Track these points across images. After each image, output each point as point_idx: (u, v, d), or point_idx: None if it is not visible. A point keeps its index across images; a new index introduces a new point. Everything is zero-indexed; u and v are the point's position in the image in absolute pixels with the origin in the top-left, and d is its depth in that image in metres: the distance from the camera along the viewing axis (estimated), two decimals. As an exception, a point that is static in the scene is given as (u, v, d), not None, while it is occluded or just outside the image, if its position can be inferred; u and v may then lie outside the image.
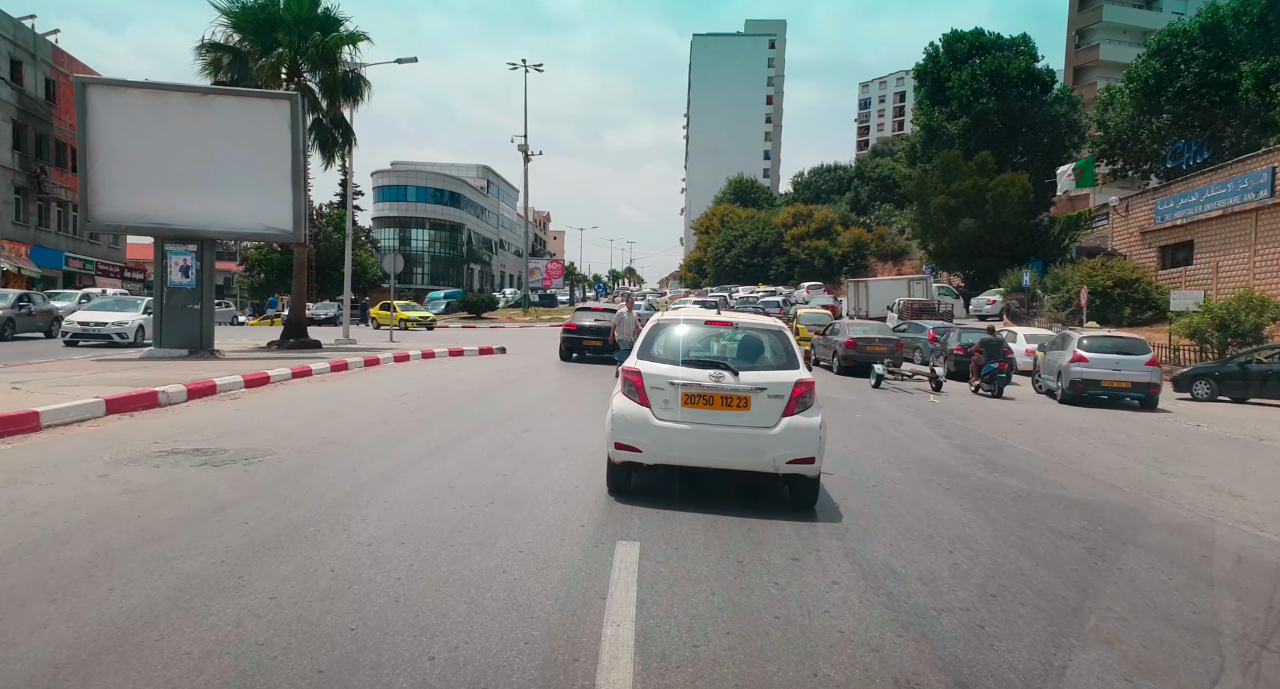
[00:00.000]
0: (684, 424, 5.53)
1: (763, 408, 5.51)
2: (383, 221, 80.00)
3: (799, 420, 5.51)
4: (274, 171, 14.87)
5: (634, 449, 5.62)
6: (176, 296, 14.74)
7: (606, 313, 19.45)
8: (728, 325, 6.36)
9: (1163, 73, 36.74)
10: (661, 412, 5.58)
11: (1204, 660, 3.64)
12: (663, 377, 5.63)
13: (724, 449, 5.56)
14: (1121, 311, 28.19)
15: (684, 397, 5.54)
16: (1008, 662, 3.41)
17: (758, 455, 5.51)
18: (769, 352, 6.05)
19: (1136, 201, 32.79)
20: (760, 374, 5.68)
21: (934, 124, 42.87)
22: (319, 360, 14.81)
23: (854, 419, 11.85)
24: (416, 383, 13.36)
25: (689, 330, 6.15)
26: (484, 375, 15.33)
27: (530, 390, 13.45)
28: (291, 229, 15.12)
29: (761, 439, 5.47)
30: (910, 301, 30.55)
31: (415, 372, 15.16)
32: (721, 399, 5.53)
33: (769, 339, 6.14)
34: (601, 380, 15.62)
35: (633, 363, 5.87)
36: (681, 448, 5.58)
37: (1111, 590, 4.55)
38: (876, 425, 11.41)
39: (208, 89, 14.16)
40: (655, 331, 6.15)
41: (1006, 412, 14.39)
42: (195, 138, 14.33)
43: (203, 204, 14.57)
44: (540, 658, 3.19)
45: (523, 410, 10.84)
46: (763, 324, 6.47)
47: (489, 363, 18.13)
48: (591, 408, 10.78)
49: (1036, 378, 18.73)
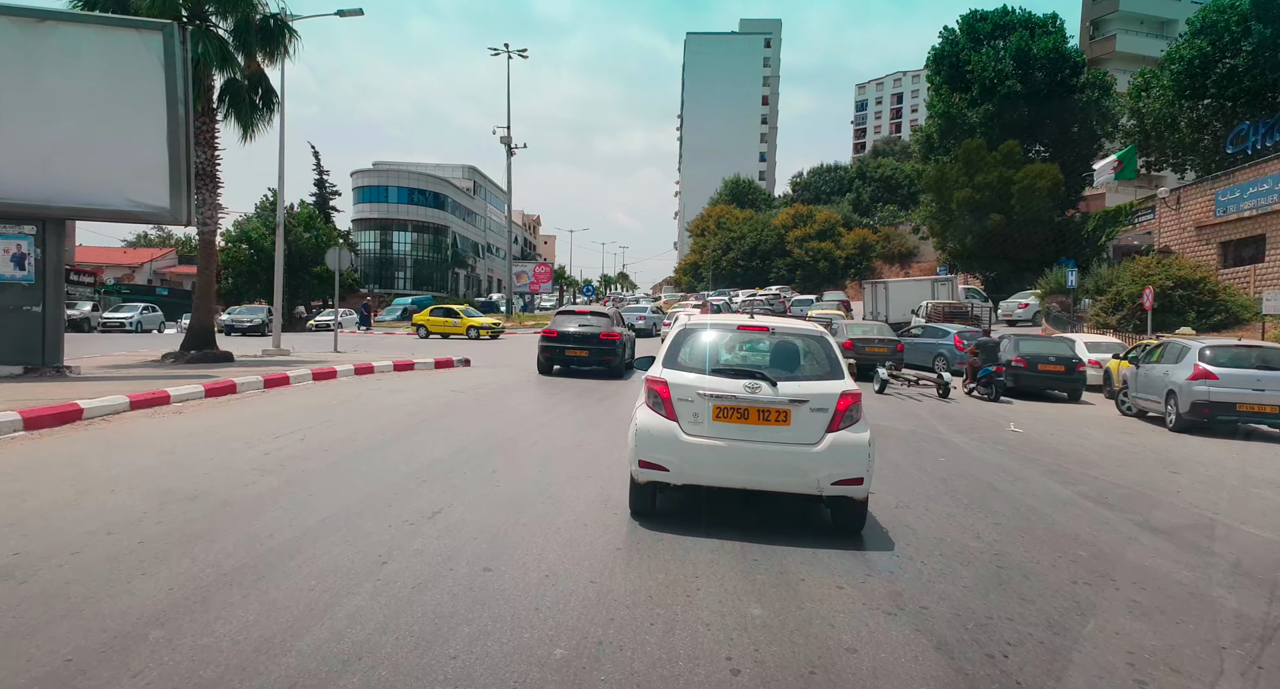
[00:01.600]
0: (716, 440, 5.05)
1: (804, 422, 5.03)
2: (363, 224, 76.38)
3: (845, 436, 5.01)
4: (144, 130, 11.12)
5: (660, 467, 5.11)
6: (6, 295, 10.92)
7: (594, 316, 16.18)
8: (763, 330, 5.66)
9: (1209, 52, 33.32)
10: (690, 426, 5.11)
11: None
12: (691, 387, 5.16)
13: (761, 468, 5.07)
14: (1184, 315, 24.60)
15: (715, 409, 5.07)
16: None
17: (799, 475, 5.02)
18: (809, 360, 5.57)
19: (1190, 192, 29.26)
20: (801, 385, 5.19)
21: (953, 111, 39.31)
22: (199, 382, 11.00)
23: (931, 460, 8.09)
24: (316, 415, 9.57)
25: (720, 336, 5.67)
26: (424, 400, 11.56)
27: (478, 423, 9.67)
28: (168, 206, 11.32)
29: (803, 457, 5.00)
30: (940, 304, 26.90)
31: (329, 396, 11.38)
32: (758, 413, 5.05)
33: (809, 346, 5.66)
34: (586, 402, 11.85)
35: (657, 371, 5.41)
36: (713, 467, 5.08)
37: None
38: (980, 478, 7.64)
39: (46, 12, 10.50)
40: (682, 337, 5.62)
41: (1115, 444, 10.67)
42: (27, 80, 10.58)
43: (43, 171, 10.79)
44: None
45: (448, 466, 7.06)
46: (802, 329, 5.87)
47: (440, 380, 14.35)
48: (572, 455, 7.03)
49: (1123, 396, 15.04)
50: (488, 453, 7.74)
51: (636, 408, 5.43)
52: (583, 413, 11.18)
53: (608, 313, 16.93)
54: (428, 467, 6.88)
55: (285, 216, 54.29)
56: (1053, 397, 17.18)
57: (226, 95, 15.29)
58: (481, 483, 6.41)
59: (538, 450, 8.03)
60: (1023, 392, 16.81)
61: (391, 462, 7.01)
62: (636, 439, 5.18)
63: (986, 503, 6.74)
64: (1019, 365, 16.61)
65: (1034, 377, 16.68)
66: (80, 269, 46.10)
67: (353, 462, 6.96)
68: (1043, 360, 16.66)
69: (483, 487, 6.29)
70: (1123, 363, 17.14)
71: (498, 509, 5.59)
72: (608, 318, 16.40)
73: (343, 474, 6.46)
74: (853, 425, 5.07)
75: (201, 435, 7.88)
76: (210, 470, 6.40)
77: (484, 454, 7.64)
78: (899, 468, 8.14)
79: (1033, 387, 16.87)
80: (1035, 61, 37.73)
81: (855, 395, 5.14)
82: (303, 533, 4.79)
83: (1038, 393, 17.01)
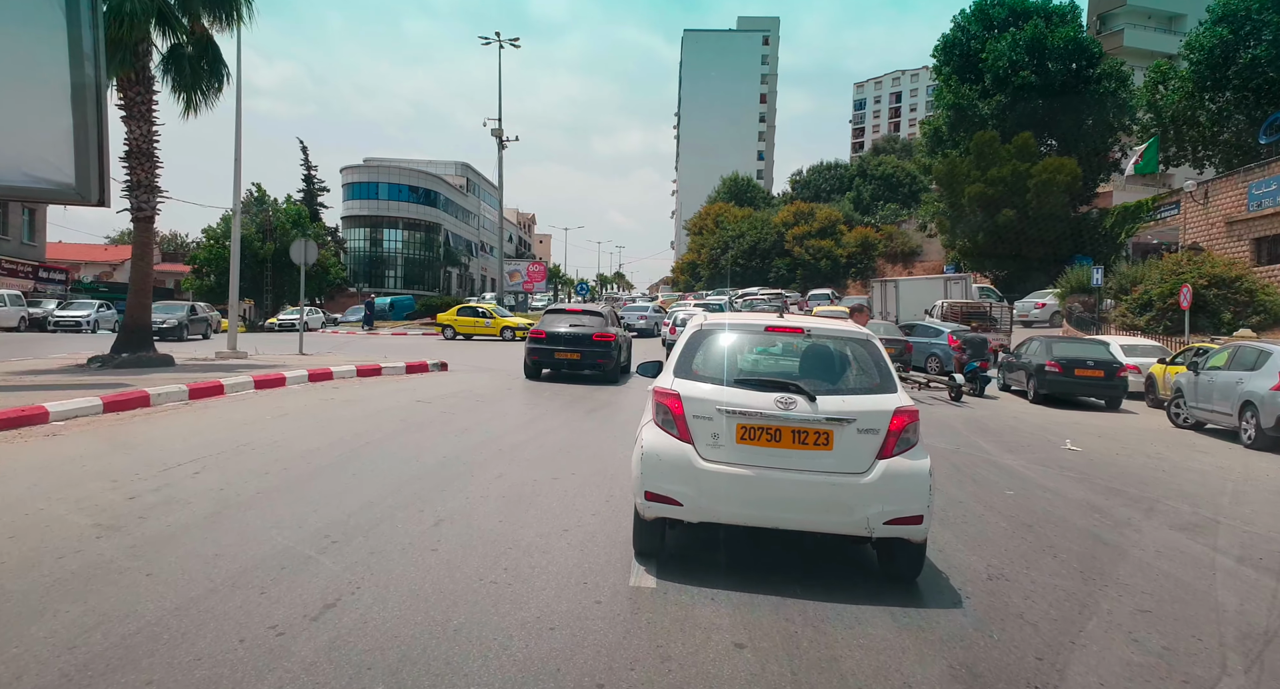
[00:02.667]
0: (741, 468, 4.11)
1: (850, 446, 4.10)
2: (352, 221, 74.59)
3: (901, 464, 4.09)
4: (41, 92, 9.32)
5: (672, 501, 4.16)
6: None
7: (587, 316, 14.83)
8: (797, 332, 4.64)
9: (1230, 41, 31.70)
10: (709, 450, 4.17)
11: None
12: (710, 401, 4.20)
13: (796, 504, 4.12)
14: (1220, 316, 22.93)
15: (740, 430, 4.14)
16: None
17: (845, 513, 4.07)
18: (854, 369, 4.55)
19: (1220, 186, 27.60)
20: (845, 400, 4.23)
21: (963, 103, 37.61)
22: (100, 394, 9.19)
23: (995, 493, 6.33)
24: (236, 436, 7.76)
25: (743, 339, 4.74)
26: (380, 413, 9.78)
27: (437, 445, 7.88)
28: (73, 182, 9.49)
29: (850, 490, 4.06)
30: (957, 304, 25.17)
31: (265, 409, 9.58)
32: (793, 434, 4.11)
33: (854, 351, 4.62)
34: (573, 414, 10.08)
35: (667, 382, 4.42)
36: (738, 501, 4.14)
37: None
38: (1072, 522, 5.88)
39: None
40: (697, 340, 4.59)
41: (1198, 467, 8.93)
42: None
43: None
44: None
45: (376, 515, 5.25)
46: (844, 331, 4.75)
47: (408, 388, 12.57)
48: (548, 492, 5.28)
49: (1176, 405, 13.32)
50: (436, 491, 5.95)
51: (642, 427, 4.48)
52: (568, 430, 9.41)
53: (601, 312, 15.62)
54: (347, 518, 5.08)
55: (269, 215, 52.60)
56: (1085, 403, 15.70)
57: (170, 63, 13.48)
58: (415, 544, 4.62)
59: (504, 485, 6.25)
60: (1055, 398, 15.38)
61: (299, 510, 5.22)
62: (643, 466, 4.23)
63: (1105, 568, 4.98)
64: (1053, 370, 15.15)
65: (1070, 382, 15.15)
66: (51, 265, 44.31)
67: (244, 511, 5.16)
68: (1080, 365, 15.21)
69: (414, 551, 4.50)
70: (1170, 368, 15.46)
71: (427, 594, 3.81)
72: (601, 317, 15.08)
73: (218, 532, 4.67)
74: (909, 450, 4.16)
75: (62, 468, 6.08)
76: (35, 525, 4.61)
77: (431, 493, 5.86)
78: (963, 506, 6.41)
79: (1068, 393, 15.40)
80: (1051, 52, 36.06)
81: (912, 413, 4.21)
82: (90, 659, 2.99)
83: (1068, 400, 15.58)
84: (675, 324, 22.80)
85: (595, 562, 4.48)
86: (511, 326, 28.97)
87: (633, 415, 10.85)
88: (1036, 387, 15.48)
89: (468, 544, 4.67)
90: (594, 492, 6.17)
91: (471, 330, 29.56)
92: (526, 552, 4.58)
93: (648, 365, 5.65)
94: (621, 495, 6.06)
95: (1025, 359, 16.54)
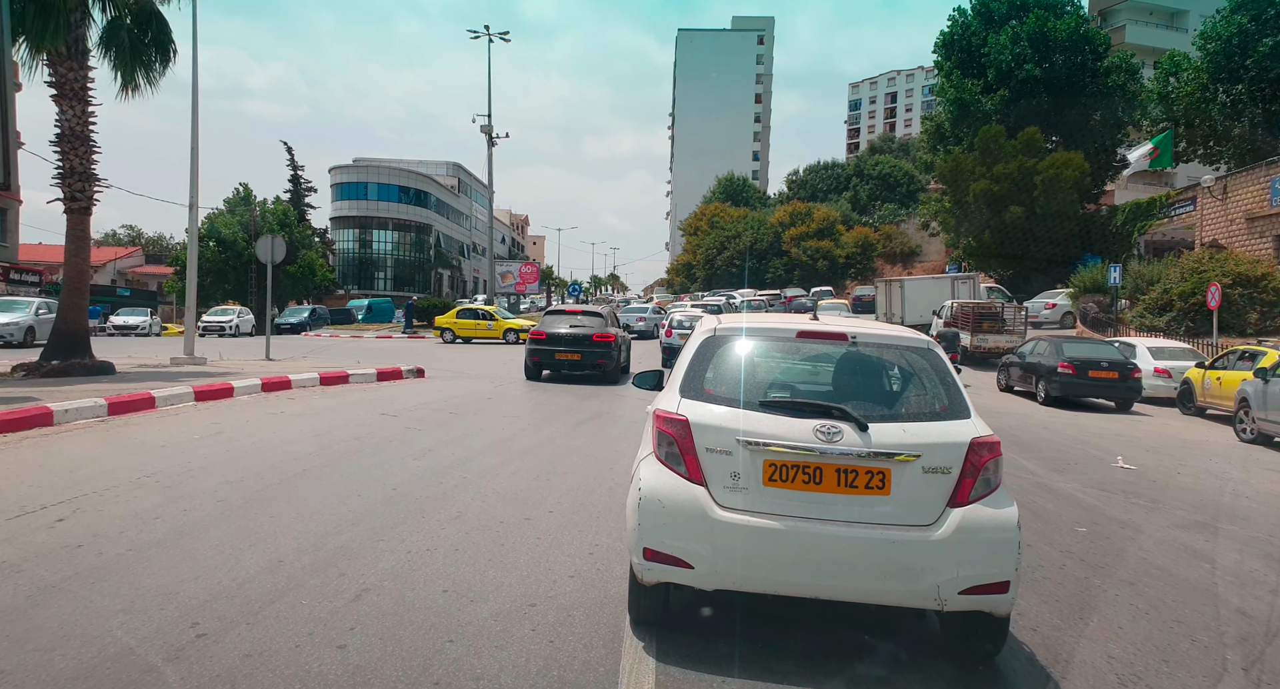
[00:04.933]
0: (770, 519, 3.10)
1: (913, 490, 3.11)
2: (341, 222, 73.22)
3: (981, 514, 3.08)
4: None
5: (680, 563, 3.14)
6: None
7: (587, 317, 14.57)
8: (839, 338, 3.54)
9: (1249, 29, 30.61)
10: (728, 495, 3.17)
11: None
12: (729, 430, 3.21)
13: (844, 568, 3.06)
14: (1245, 316, 21.75)
15: (768, 468, 3.14)
16: None
17: (907, 580, 3.05)
18: (915, 387, 3.48)
19: (1240, 181, 26.43)
20: (906, 428, 3.20)
21: (966, 98, 36.39)
22: (3, 406, 7.83)
23: (1064, 530, 5.05)
24: (142, 464, 6.40)
25: (768, 348, 3.67)
26: (331, 430, 8.43)
27: (388, 472, 6.53)
28: (-27, 164, 8.17)
29: (914, 549, 3.04)
30: (968, 305, 23.89)
31: (197, 427, 8.22)
32: (838, 474, 3.11)
33: (913, 363, 3.57)
34: (558, 427, 8.73)
35: (672, 402, 3.41)
36: (766, 564, 3.11)
37: None
38: (1177, 575, 4.60)
39: None
40: (709, 350, 3.57)
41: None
42: None
43: None
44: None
45: (276, 586, 3.88)
46: (899, 338, 3.65)
47: (375, 398, 11.22)
48: (516, 538, 3.94)
49: (1241, 417, 12.00)
50: (370, 542, 4.62)
51: (639, 462, 3.49)
52: (551, 449, 8.09)
53: (601, 313, 15.15)
54: (238, 588, 3.75)
55: (256, 214, 51.04)
56: (1093, 405, 15.23)
57: (109, 37, 12.10)
58: (316, 635, 3.29)
59: (460, 531, 4.93)
60: (1065, 400, 15.02)
61: (173, 577, 3.89)
62: (640, 515, 3.25)
63: (1263, 655, 3.68)
64: (1066, 372, 14.69)
65: (1084, 384, 14.77)
66: (24, 267, 42.77)
67: (94, 581, 3.83)
68: (1094, 366, 14.81)
69: (312, 648, 3.17)
70: (1210, 373, 14.22)
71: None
72: (601, 318, 14.71)
73: (34, 624, 3.33)
74: (990, 495, 3.18)
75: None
76: None
77: (362, 546, 4.53)
78: (1035, 551, 5.14)
79: (1081, 395, 15.10)
80: (1055, 44, 34.88)
81: (994, 446, 3.22)
82: None
83: (1078, 402, 15.22)
84: (673, 326, 21.60)
85: (571, 659, 3.18)
86: (515, 329, 27.65)
87: (628, 428, 9.53)
88: (1048, 388, 15.03)
89: (392, 634, 3.35)
90: (575, 538, 4.86)
91: (472, 333, 28.23)
92: (472, 646, 3.26)
93: (646, 376, 4.64)
94: (609, 544, 4.76)
95: (1032, 360, 15.96)
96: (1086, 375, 14.64)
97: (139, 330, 35.54)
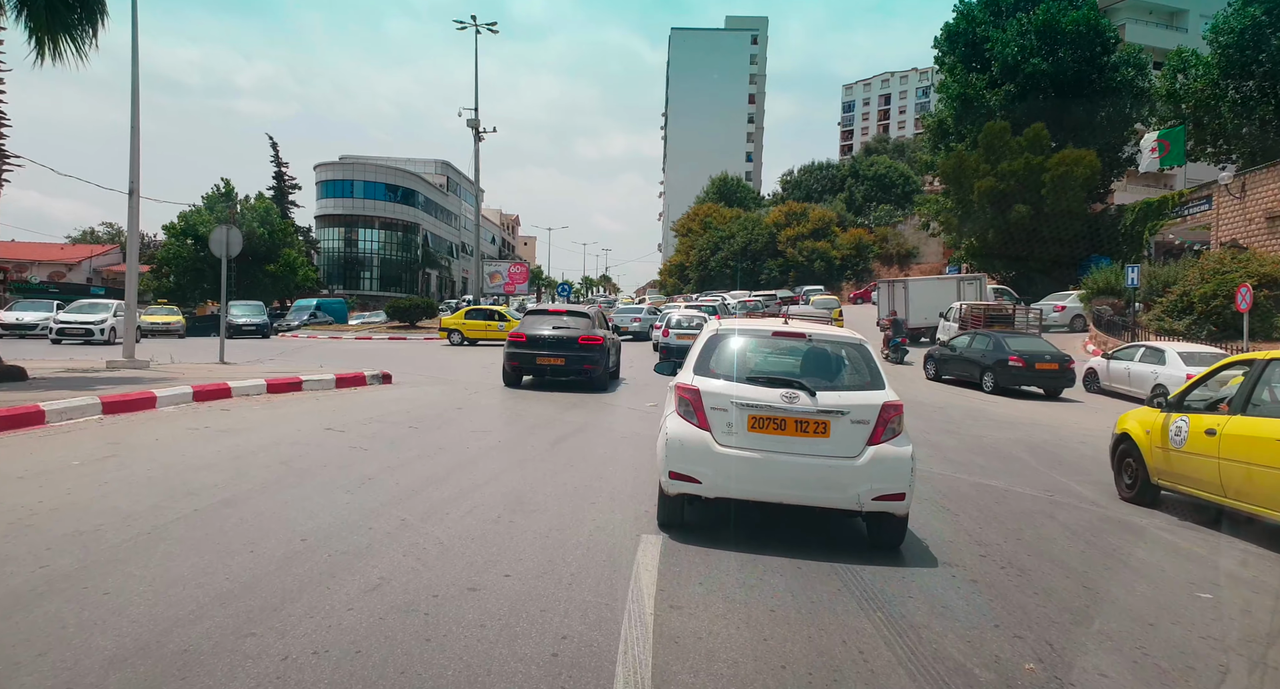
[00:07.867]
0: (751, 452, 4.81)
1: (844, 435, 4.79)
2: (326, 220, 71.57)
3: (887, 449, 4.78)
4: None
5: (692, 479, 4.85)
6: None
7: (571, 317, 13.11)
8: (800, 337, 5.33)
9: (1263, 23, 29.51)
10: (724, 436, 4.87)
11: None
12: (725, 395, 4.91)
13: (798, 482, 4.79)
14: (1271, 319, 20.53)
15: (751, 420, 4.83)
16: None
17: (839, 490, 4.76)
18: (849, 369, 5.25)
19: (1259, 178, 25.23)
20: (841, 395, 4.90)
21: (970, 93, 35.17)
22: None
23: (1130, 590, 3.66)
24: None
25: (753, 342, 5.38)
26: (259, 452, 6.96)
27: (315, 508, 5.08)
28: None
29: (843, 471, 4.75)
30: (978, 306, 22.60)
31: (94, 446, 6.75)
32: (796, 424, 4.80)
33: (849, 354, 5.34)
34: (536, 444, 7.19)
35: (688, 378, 5.14)
36: (748, 480, 4.82)
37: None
38: None
39: None
40: (713, 343, 5.33)
41: None
42: None
43: None
44: None
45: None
46: (841, 336, 5.46)
47: (326, 409, 9.75)
48: (459, 610, 2.46)
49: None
50: (232, 641, 3.16)
51: (665, 416, 5.18)
52: (519, 475, 6.65)
53: (588, 313, 13.62)
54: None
55: (236, 210, 49.25)
56: (1028, 393, 16.57)
57: (29, 0, 10.58)
58: None
59: (372, 613, 3.50)
60: (1007, 389, 16.34)
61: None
62: (667, 449, 4.90)
63: None
64: (1016, 364, 16.05)
65: (1030, 374, 16.18)
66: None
67: None
68: (1039, 359, 16.32)
69: None
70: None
71: None
72: (588, 319, 13.20)
73: None
74: (895, 438, 4.82)
75: None
76: None
77: (214, 649, 3.09)
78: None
79: (1024, 384, 16.41)
80: (1063, 36, 33.71)
81: (898, 407, 4.87)
82: None
83: (1014, 390, 16.47)
84: (669, 326, 20.59)
85: None
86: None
87: (616, 446, 8.06)
88: (997, 379, 16.40)
89: None
90: (534, 627, 3.43)
91: (481, 335, 26.71)
92: None
93: (663, 366, 6.77)
94: (584, 636, 3.34)
95: (971, 354, 17.31)
96: (1034, 367, 16.12)
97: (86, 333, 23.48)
